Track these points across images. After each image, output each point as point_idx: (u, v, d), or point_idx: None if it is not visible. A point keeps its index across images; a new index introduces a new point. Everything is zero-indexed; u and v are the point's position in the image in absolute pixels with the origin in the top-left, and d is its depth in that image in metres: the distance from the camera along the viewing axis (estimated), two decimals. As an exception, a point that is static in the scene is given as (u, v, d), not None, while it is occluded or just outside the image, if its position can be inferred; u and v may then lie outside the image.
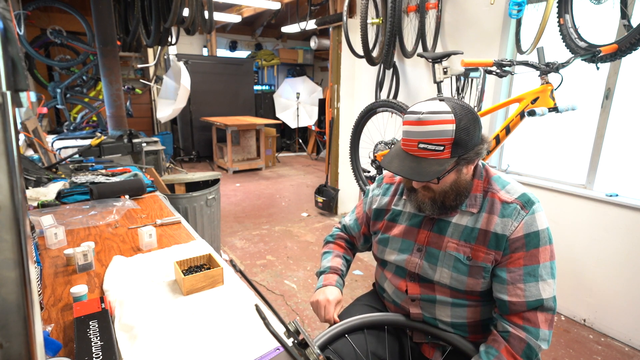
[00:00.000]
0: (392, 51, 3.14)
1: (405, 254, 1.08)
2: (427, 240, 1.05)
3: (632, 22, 1.94)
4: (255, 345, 0.86)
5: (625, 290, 2.17)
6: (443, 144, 0.89)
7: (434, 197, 0.99)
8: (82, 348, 0.78)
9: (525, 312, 0.92)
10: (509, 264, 0.94)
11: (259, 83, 8.49)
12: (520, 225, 0.94)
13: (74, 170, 2.20)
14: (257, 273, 2.95)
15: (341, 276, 1.22)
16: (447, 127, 0.89)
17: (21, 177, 0.33)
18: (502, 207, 0.96)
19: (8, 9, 0.33)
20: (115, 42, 3.27)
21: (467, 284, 0.98)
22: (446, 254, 1.00)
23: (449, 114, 0.89)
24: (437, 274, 1.01)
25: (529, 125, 2.62)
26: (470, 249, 0.97)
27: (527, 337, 0.91)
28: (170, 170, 5.95)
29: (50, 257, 1.26)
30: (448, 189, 0.97)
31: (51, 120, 5.31)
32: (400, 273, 1.11)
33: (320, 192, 4.36)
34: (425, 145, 0.90)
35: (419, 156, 0.92)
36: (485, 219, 0.97)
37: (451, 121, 0.89)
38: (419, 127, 0.91)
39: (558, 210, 2.40)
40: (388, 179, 1.22)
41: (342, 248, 1.30)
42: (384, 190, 1.21)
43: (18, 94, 0.31)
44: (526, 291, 0.92)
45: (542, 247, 0.93)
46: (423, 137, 0.91)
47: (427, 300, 1.06)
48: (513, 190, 0.98)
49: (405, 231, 1.10)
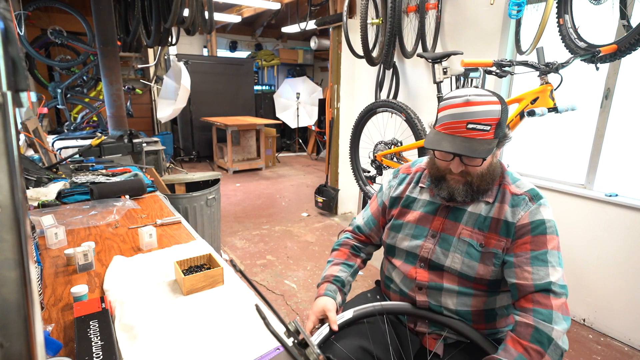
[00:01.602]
0: (392, 51, 3.14)
1: (419, 239, 1.10)
2: (442, 227, 1.07)
3: (631, 22, 1.94)
4: (255, 345, 0.86)
5: (625, 290, 2.17)
6: (490, 124, 0.94)
7: (471, 180, 1.01)
8: (83, 348, 0.78)
9: (534, 293, 0.92)
10: (516, 248, 0.97)
11: (259, 83, 8.49)
12: (526, 213, 0.98)
13: (74, 170, 2.21)
14: (257, 273, 2.95)
15: (334, 282, 1.19)
16: (494, 107, 0.95)
17: (21, 177, 0.33)
18: (512, 198, 1.01)
19: (8, 9, 0.33)
20: (115, 42, 3.28)
21: (478, 271, 1.00)
22: (460, 240, 1.03)
23: (492, 96, 0.96)
24: (449, 259, 1.04)
25: (528, 125, 2.62)
26: (483, 236, 1.01)
27: (534, 321, 0.88)
28: (170, 170, 5.95)
29: (51, 257, 1.27)
30: (485, 172, 1.01)
31: (51, 120, 5.31)
32: (410, 260, 1.12)
33: (320, 192, 4.36)
34: (474, 126, 0.94)
35: (468, 137, 0.96)
36: (497, 208, 1.01)
37: (496, 102, 0.95)
38: (467, 108, 0.95)
39: (558, 210, 2.40)
40: (404, 170, 1.25)
41: (345, 255, 1.28)
42: (400, 180, 1.24)
43: (18, 94, 0.31)
44: (534, 274, 0.92)
45: (549, 235, 0.96)
46: (472, 117, 0.95)
47: (434, 288, 1.07)
48: (523, 185, 1.04)
49: (420, 217, 1.12)
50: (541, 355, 0.86)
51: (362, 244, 1.31)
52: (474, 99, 0.95)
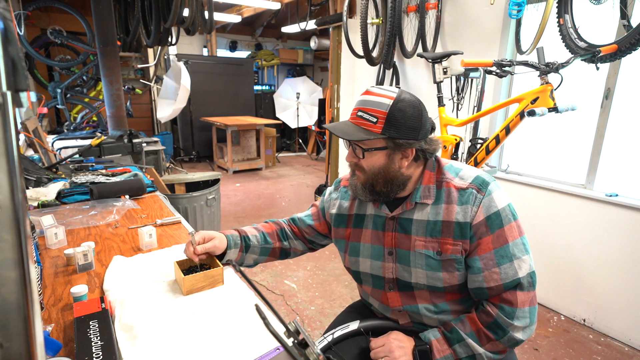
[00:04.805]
0: (392, 51, 3.14)
1: (379, 260, 1.06)
2: (395, 242, 1.03)
3: (631, 22, 1.94)
4: (255, 345, 0.86)
5: (625, 290, 2.17)
6: (376, 116, 0.93)
7: (365, 179, 1.00)
8: (82, 348, 0.78)
9: (503, 293, 0.92)
10: (479, 251, 0.93)
11: (259, 83, 8.49)
12: (479, 210, 0.93)
13: (74, 170, 2.21)
14: (257, 273, 2.95)
15: (243, 237, 1.18)
16: (384, 100, 0.93)
17: (21, 177, 0.33)
18: (459, 194, 0.96)
19: (8, 9, 0.33)
20: (115, 42, 3.28)
21: (444, 280, 0.97)
22: (416, 254, 0.99)
23: (392, 93, 0.95)
24: (413, 275, 1.00)
25: (528, 125, 2.62)
26: (437, 243, 0.96)
27: (496, 314, 0.92)
28: (170, 170, 5.95)
29: (51, 257, 1.26)
30: (377, 172, 0.97)
31: (51, 120, 5.31)
32: (378, 284, 1.08)
33: (320, 192, 4.36)
34: (362, 114, 0.95)
35: (355, 123, 0.96)
36: (445, 210, 0.96)
37: (390, 97, 0.94)
38: (363, 96, 0.97)
39: (558, 210, 2.40)
40: (345, 182, 1.18)
41: (269, 229, 1.25)
42: (341, 193, 1.18)
43: (18, 94, 0.31)
44: (502, 274, 0.91)
45: (506, 225, 0.93)
46: (362, 106, 0.96)
47: (411, 311, 1.05)
48: (466, 176, 0.98)
49: (372, 235, 1.07)
50: (491, 341, 0.92)
51: (293, 234, 1.27)
52: (373, 90, 0.96)
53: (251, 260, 1.21)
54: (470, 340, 0.93)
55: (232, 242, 1.16)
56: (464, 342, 0.93)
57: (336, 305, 2.52)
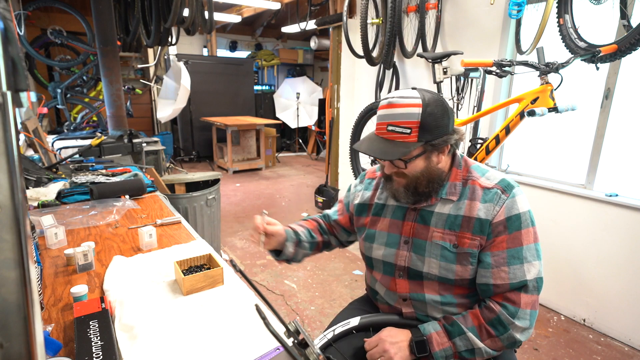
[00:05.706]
0: (392, 51, 3.14)
1: (393, 247, 1.08)
2: (413, 231, 1.05)
3: (631, 22, 1.94)
4: (255, 345, 0.86)
5: (625, 290, 2.17)
6: (410, 127, 0.93)
7: (407, 183, 1.01)
8: (82, 348, 0.78)
9: (508, 292, 0.94)
10: (493, 247, 0.96)
11: (259, 83, 8.49)
12: (502, 209, 0.96)
13: (74, 170, 2.21)
14: (257, 273, 2.95)
15: (295, 232, 1.21)
16: (413, 110, 0.93)
17: (21, 177, 0.33)
18: (483, 193, 0.99)
19: (8, 9, 0.33)
20: (115, 42, 3.27)
21: (456, 272, 0.99)
22: (432, 244, 1.01)
23: (416, 99, 0.94)
24: (426, 265, 1.02)
25: (528, 125, 2.62)
26: (455, 236, 0.99)
27: (500, 312, 0.93)
28: (170, 170, 5.95)
29: (51, 257, 1.27)
30: (419, 175, 0.99)
31: (51, 120, 5.31)
32: (389, 271, 1.11)
33: (320, 192, 4.36)
34: (394, 128, 0.95)
35: (388, 139, 0.97)
36: (467, 206, 0.99)
37: (418, 105, 0.93)
38: (388, 110, 0.96)
39: (558, 210, 2.40)
40: (370, 174, 1.23)
41: (312, 225, 1.29)
42: (366, 185, 1.22)
43: (18, 94, 0.31)
44: (510, 274, 0.93)
45: (524, 229, 0.95)
46: (391, 120, 0.95)
47: (417, 299, 1.06)
48: (492, 177, 1.01)
49: (390, 224, 1.10)
50: (491, 337, 0.94)
51: (328, 230, 1.31)
52: (396, 101, 0.95)
53: (301, 255, 1.24)
54: (471, 334, 0.94)
55: (290, 235, 1.18)
56: (465, 336, 0.95)
57: (336, 305, 2.52)
